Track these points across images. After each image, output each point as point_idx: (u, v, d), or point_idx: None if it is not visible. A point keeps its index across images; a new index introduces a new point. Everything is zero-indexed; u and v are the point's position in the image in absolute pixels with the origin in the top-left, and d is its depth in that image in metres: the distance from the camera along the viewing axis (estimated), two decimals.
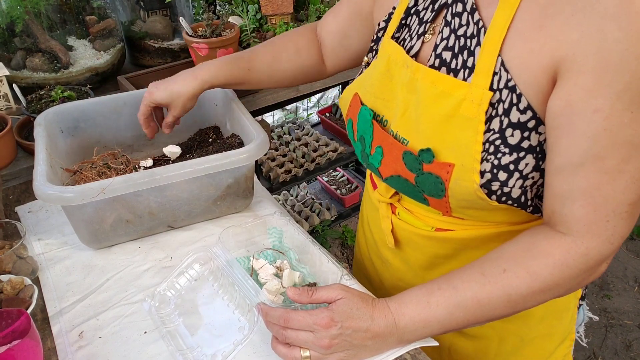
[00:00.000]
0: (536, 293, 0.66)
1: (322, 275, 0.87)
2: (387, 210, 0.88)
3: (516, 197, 0.67)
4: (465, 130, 0.66)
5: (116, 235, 0.95)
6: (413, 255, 0.88)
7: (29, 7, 1.32)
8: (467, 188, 0.67)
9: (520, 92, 0.63)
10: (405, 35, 0.76)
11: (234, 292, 0.84)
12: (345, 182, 2.44)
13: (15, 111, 1.33)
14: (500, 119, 0.64)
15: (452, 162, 0.67)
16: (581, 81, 0.58)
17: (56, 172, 0.95)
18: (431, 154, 0.69)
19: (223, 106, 1.14)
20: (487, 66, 0.64)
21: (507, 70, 0.63)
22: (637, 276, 2.42)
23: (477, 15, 0.66)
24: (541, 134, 0.64)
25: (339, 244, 2.51)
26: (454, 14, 0.68)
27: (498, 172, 0.66)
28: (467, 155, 0.66)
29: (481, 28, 0.65)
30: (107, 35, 1.49)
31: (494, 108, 0.65)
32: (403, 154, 0.73)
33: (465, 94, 0.65)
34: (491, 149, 0.65)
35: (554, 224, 0.66)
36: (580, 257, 0.64)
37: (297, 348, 0.70)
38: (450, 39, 0.69)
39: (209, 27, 1.38)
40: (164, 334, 0.79)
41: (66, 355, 0.76)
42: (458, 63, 0.68)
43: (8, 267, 0.86)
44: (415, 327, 0.69)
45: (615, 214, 0.61)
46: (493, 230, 0.78)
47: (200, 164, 0.89)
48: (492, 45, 0.63)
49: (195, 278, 0.87)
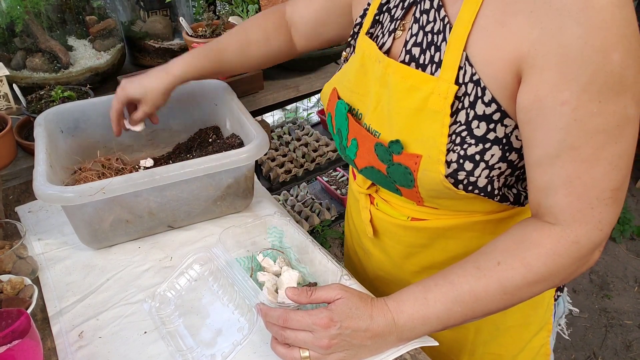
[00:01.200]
0: (531, 284, 0.67)
1: (321, 275, 0.87)
2: (366, 201, 0.90)
3: (482, 186, 0.69)
4: (433, 123, 0.68)
5: (116, 235, 0.95)
6: (391, 245, 0.90)
7: (29, 7, 1.32)
8: (434, 178, 0.69)
9: (485, 86, 0.65)
10: (377, 32, 0.79)
11: (234, 292, 0.84)
12: (345, 182, 2.44)
13: (15, 111, 1.33)
14: (466, 111, 0.67)
15: (419, 153, 0.70)
16: (546, 76, 0.59)
17: (56, 172, 0.95)
18: (400, 145, 0.71)
19: (223, 106, 1.14)
20: (453, 61, 0.66)
21: (471, 65, 0.65)
22: (637, 276, 2.42)
23: (443, 12, 0.68)
24: (507, 126, 0.66)
25: (339, 244, 2.51)
26: (422, 10, 0.71)
27: (464, 162, 0.68)
28: (434, 147, 0.68)
29: (447, 24, 0.67)
30: (107, 35, 1.49)
31: (460, 101, 0.67)
32: (375, 145, 0.75)
33: (433, 88, 0.67)
34: (457, 140, 0.67)
35: (541, 215, 0.68)
36: (571, 246, 0.65)
37: (296, 348, 0.70)
38: (419, 35, 0.71)
39: (209, 27, 1.38)
40: (164, 334, 0.79)
41: (66, 355, 0.76)
42: (426, 58, 0.70)
43: (8, 267, 0.86)
44: (414, 324, 0.69)
45: (599, 201, 0.62)
46: (467, 219, 0.79)
47: (200, 164, 0.89)
48: (458, 41, 0.65)
49: (195, 278, 0.87)
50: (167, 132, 1.16)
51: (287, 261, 0.88)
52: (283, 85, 1.55)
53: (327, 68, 1.64)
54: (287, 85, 1.55)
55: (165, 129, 1.15)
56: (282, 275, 0.82)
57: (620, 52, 0.56)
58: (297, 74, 1.59)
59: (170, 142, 1.17)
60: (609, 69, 0.56)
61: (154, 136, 1.15)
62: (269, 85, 1.53)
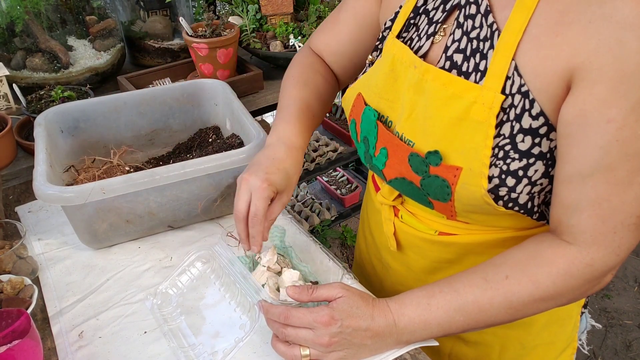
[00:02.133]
0: (538, 301, 0.65)
1: (323, 275, 0.87)
2: (390, 213, 0.86)
3: (523, 203, 0.66)
4: (475, 134, 0.64)
5: (116, 235, 0.95)
6: (415, 260, 0.87)
7: (29, 7, 1.32)
8: (474, 193, 0.66)
9: (534, 98, 0.62)
10: (412, 35, 0.74)
11: (236, 290, 0.84)
12: (345, 182, 2.44)
13: (15, 111, 1.33)
14: (511, 124, 0.63)
15: (459, 166, 0.66)
16: (596, 90, 0.57)
17: (56, 172, 0.95)
18: (439, 156, 0.67)
19: (223, 106, 1.14)
20: (500, 70, 0.63)
21: (520, 75, 0.62)
22: (637, 276, 2.42)
23: (492, 18, 0.64)
24: (552, 141, 0.63)
25: (339, 244, 2.51)
26: (467, 15, 0.67)
27: (506, 177, 0.65)
28: (476, 160, 0.65)
29: (495, 31, 0.64)
30: (107, 35, 1.49)
31: (505, 113, 0.63)
32: (409, 155, 0.71)
33: (477, 97, 0.64)
34: (500, 154, 0.64)
35: (560, 233, 0.65)
36: (585, 268, 0.63)
37: (296, 346, 0.70)
38: (462, 41, 0.67)
39: (209, 27, 1.38)
40: (165, 331, 0.79)
41: (66, 355, 0.76)
42: (470, 66, 0.66)
43: (8, 267, 0.86)
44: (415, 328, 0.68)
45: (623, 226, 0.60)
46: (498, 235, 0.77)
47: (200, 164, 0.89)
48: (506, 49, 0.62)
49: (197, 276, 0.87)
50: (167, 132, 1.16)
51: (288, 261, 0.88)
52: None
53: None
54: None
55: (165, 129, 1.15)
56: (283, 274, 0.82)
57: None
58: None
59: (170, 142, 1.17)
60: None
61: (154, 136, 1.15)
62: (269, 85, 1.53)
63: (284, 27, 1.53)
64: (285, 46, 1.51)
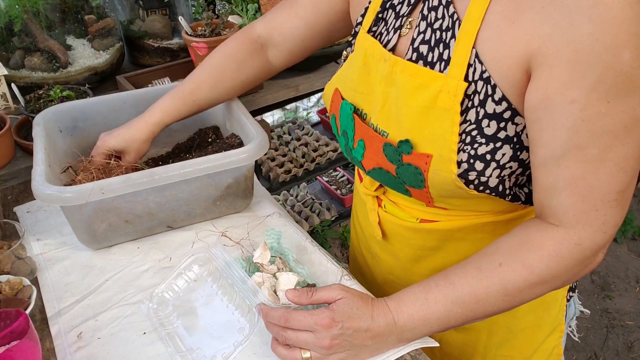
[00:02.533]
0: (533, 286, 0.66)
1: (321, 276, 0.87)
2: (374, 203, 0.88)
3: (494, 186, 0.69)
4: (443, 121, 0.67)
5: (115, 236, 0.94)
6: (400, 248, 0.89)
7: (27, 7, 1.32)
8: (446, 178, 0.68)
9: (495, 84, 0.64)
10: (381, 29, 0.77)
11: (234, 292, 0.83)
12: (345, 182, 2.43)
13: (14, 111, 1.32)
14: (476, 109, 0.65)
15: (430, 153, 0.68)
16: (555, 74, 0.59)
17: (55, 172, 0.94)
18: (410, 145, 0.70)
19: (223, 106, 1.13)
20: (462, 58, 0.65)
21: (481, 62, 0.64)
22: (639, 276, 2.42)
23: (452, 8, 0.66)
24: (518, 125, 0.65)
25: (339, 244, 2.51)
26: (430, 7, 0.69)
27: (475, 162, 0.67)
28: (444, 146, 0.67)
29: (456, 21, 0.66)
30: (106, 34, 1.49)
31: (469, 99, 0.66)
32: (383, 145, 0.74)
33: (442, 86, 0.66)
34: (468, 139, 0.66)
35: (545, 216, 0.67)
36: (574, 247, 0.64)
37: (297, 349, 0.69)
38: (427, 33, 0.69)
39: (209, 26, 1.38)
40: (162, 335, 0.78)
41: (65, 356, 0.76)
42: (434, 56, 0.68)
43: (6, 268, 0.86)
44: (414, 324, 0.69)
45: (603, 203, 0.62)
46: (477, 220, 0.79)
47: (200, 164, 0.88)
48: (467, 38, 0.64)
49: (194, 279, 0.87)
50: (166, 132, 1.15)
51: (285, 263, 0.87)
52: (283, 85, 1.55)
53: (327, 67, 1.64)
54: (287, 85, 1.55)
55: (165, 129, 1.15)
56: (281, 277, 0.81)
57: (631, 51, 0.55)
58: (297, 74, 1.59)
59: (170, 142, 1.16)
60: (618, 68, 0.55)
61: None
62: (269, 85, 1.53)
63: None
64: None
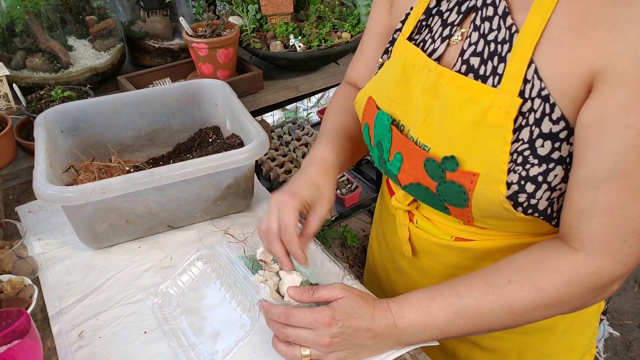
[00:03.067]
0: (540, 308, 0.65)
1: (323, 276, 0.87)
2: (405, 218, 0.84)
3: (543, 209, 0.65)
4: (492, 139, 0.63)
5: (116, 235, 0.95)
6: (430, 265, 0.85)
7: (29, 7, 1.32)
8: (492, 199, 0.65)
9: (554, 102, 0.60)
10: (425, 37, 0.73)
11: (236, 289, 0.84)
12: (345, 182, 2.44)
13: (15, 111, 1.33)
14: (530, 128, 0.62)
15: (477, 172, 0.64)
16: (617, 95, 0.56)
17: (56, 172, 0.95)
18: (455, 161, 0.66)
19: (223, 106, 1.14)
20: (518, 72, 0.61)
21: (540, 79, 0.60)
22: (638, 276, 2.42)
23: (510, 20, 0.62)
24: (572, 145, 0.62)
25: (339, 244, 2.51)
26: (484, 17, 0.65)
27: (526, 183, 0.63)
28: (494, 165, 0.63)
29: (514, 33, 0.62)
30: (107, 35, 1.49)
31: (524, 117, 0.62)
32: (425, 160, 0.69)
33: (493, 101, 0.62)
34: (519, 159, 0.63)
35: (568, 239, 0.64)
36: (590, 276, 0.62)
37: (297, 346, 0.69)
38: (479, 44, 0.65)
39: (209, 27, 1.38)
40: (166, 331, 0.79)
41: (66, 355, 0.76)
42: (487, 69, 0.64)
43: (8, 267, 0.86)
44: (414, 330, 0.68)
45: (633, 235, 0.59)
46: (515, 241, 0.75)
47: (200, 164, 0.89)
48: (524, 51, 0.61)
49: (197, 276, 0.87)
50: (167, 132, 1.16)
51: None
52: (283, 85, 1.55)
53: (327, 68, 1.64)
54: (287, 85, 1.55)
55: (165, 129, 1.15)
56: (285, 277, 0.82)
57: None
58: (297, 74, 1.59)
59: (170, 142, 1.17)
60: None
61: (154, 136, 1.15)
62: (269, 85, 1.53)
63: (284, 27, 1.53)
64: (285, 46, 1.51)
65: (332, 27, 1.58)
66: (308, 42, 1.50)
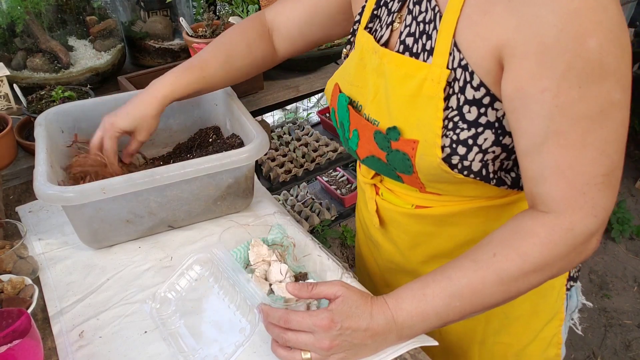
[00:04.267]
0: (528, 274, 0.67)
1: (322, 274, 0.87)
2: (372, 192, 0.91)
3: (477, 170, 0.71)
4: (428, 108, 0.69)
5: (116, 235, 0.95)
6: (397, 235, 0.91)
7: (29, 8, 1.32)
8: (431, 162, 0.71)
9: (472, 70, 0.66)
10: (376, 26, 0.81)
11: (235, 293, 0.84)
12: (345, 182, 2.44)
13: (16, 111, 1.33)
14: (457, 96, 0.68)
15: (416, 139, 0.71)
16: (525, 65, 0.60)
17: (56, 172, 0.95)
18: (397, 131, 0.73)
19: (223, 106, 1.14)
20: (444, 48, 0.68)
21: (459, 50, 0.67)
22: (637, 276, 2.43)
23: (434, 2, 0.70)
24: (498, 110, 0.67)
25: (339, 243, 2.52)
26: (415, 2, 0.73)
27: (457, 146, 0.69)
28: (430, 132, 0.70)
29: (437, 13, 0.69)
30: (108, 35, 1.50)
31: (450, 86, 0.68)
32: (374, 133, 0.77)
33: (426, 74, 0.69)
34: (450, 125, 0.69)
35: (535, 205, 0.68)
36: (566, 233, 0.65)
37: (297, 350, 0.70)
38: (412, 26, 0.73)
39: (209, 28, 1.38)
40: (165, 335, 0.79)
41: (66, 355, 0.76)
42: (419, 47, 0.72)
43: (8, 267, 0.86)
44: (413, 321, 0.69)
45: (590, 186, 0.62)
46: (470, 205, 0.81)
47: (200, 164, 0.89)
48: (447, 29, 0.67)
49: (195, 279, 0.87)
50: (167, 132, 1.16)
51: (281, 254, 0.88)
52: (283, 85, 1.55)
53: (327, 68, 1.65)
54: (287, 85, 1.55)
55: (165, 129, 1.16)
56: (272, 266, 0.84)
57: (598, 38, 0.57)
58: (297, 74, 1.59)
59: (170, 142, 1.17)
60: (585, 56, 0.57)
61: (154, 136, 1.15)
62: (269, 85, 1.53)
63: None
64: None
65: None
66: None
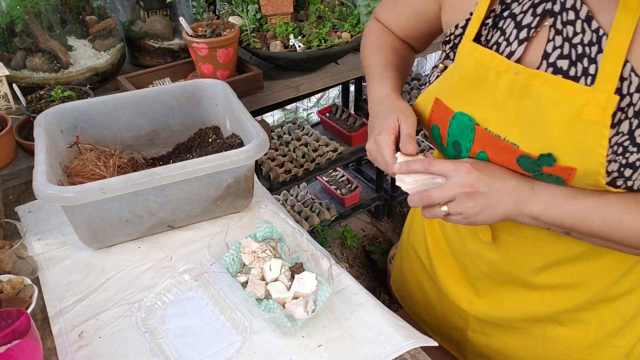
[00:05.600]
0: None
1: (315, 263, 0.88)
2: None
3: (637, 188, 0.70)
4: (588, 134, 0.67)
5: (116, 235, 0.95)
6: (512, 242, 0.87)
7: (28, 7, 1.32)
8: (592, 186, 0.70)
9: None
10: (499, 40, 0.75)
11: (225, 304, 0.83)
12: (345, 182, 2.44)
13: (15, 111, 1.33)
14: (629, 121, 0.66)
15: (574, 167, 0.69)
16: None
17: (56, 172, 0.95)
18: (552, 158, 0.70)
19: (223, 106, 1.14)
20: (612, 71, 0.65)
21: (638, 75, 0.64)
22: None
23: (596, 24, 0.66)
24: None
25: (339, 243, 2.52)
26: (565, 22, 0.69)
27: (625, 169, 0.68)
28: (591, 159, 0.67)
29: (602, 36, 0.66)
30: (107, 35, 1.50)
31: (623, 112, 0.66)
32: (518, 157, 0.73)
33: (589, 99, 0.66)
34: (619, 150, 0.67)
35: None
36: None
37: (437, 206, 0.74)
38: (564, 48, 0.69)
39: (209, 27, 1.38)
40: (152, 348, 0.77)
41: (66, 355, 0.76)
42: (578, 70, 0.68)
43: (8, 267, 0.86)
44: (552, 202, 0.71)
45: None
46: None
47: (200, 164, 0.89)
48: (617, 52, 0.64)
49: (184, 290, 0.87)
50: (167, 132, 1.16)
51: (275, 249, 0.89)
52: (283, 85, 1.55)
53: (327, 68, 1.64)
54: (287, 85, 1.55)
55: (165, 129, 1.15)
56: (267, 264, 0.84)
57: None
58: (297, 74, 1.59)
59: (170, 142, 1.17)
60: None
61: (154, 136, 1.15)
62: (269, 85, 1.53)
63: (284, 27, 1.53)
64: (285, 46, 1.51)
65: (332, 27, 1.58)
66: (308, 42, 1.50)
